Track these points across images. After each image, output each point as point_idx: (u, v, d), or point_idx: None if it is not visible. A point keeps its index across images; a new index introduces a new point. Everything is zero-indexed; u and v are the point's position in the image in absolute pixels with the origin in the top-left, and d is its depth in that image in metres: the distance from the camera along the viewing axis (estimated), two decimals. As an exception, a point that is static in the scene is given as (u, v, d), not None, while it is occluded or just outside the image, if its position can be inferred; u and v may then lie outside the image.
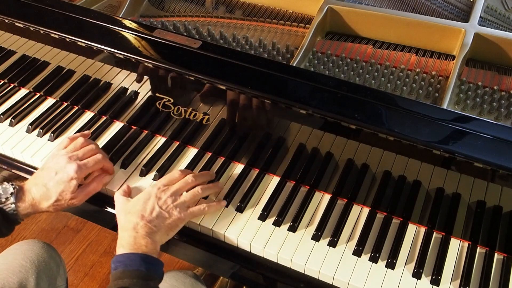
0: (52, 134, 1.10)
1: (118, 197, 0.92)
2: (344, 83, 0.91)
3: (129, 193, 0.96)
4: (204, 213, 0.94)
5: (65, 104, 1.18)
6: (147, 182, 1.01)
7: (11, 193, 0.88)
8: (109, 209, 1.01)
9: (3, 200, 0.88)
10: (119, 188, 0.98)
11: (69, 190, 0.90)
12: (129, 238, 0.83)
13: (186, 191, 0.93)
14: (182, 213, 0.89)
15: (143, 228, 0.84)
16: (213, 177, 1.00)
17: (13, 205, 0.88)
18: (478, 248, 0.90)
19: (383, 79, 1.01)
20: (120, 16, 1.16)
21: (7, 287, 0.96)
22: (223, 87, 0.95)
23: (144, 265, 0.80)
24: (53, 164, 0.93)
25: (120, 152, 1.06)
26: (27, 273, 1.01)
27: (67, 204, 0.91)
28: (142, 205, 0.87)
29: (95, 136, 1.09)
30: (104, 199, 1.01)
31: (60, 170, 0.91)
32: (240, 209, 0.96)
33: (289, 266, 0.90)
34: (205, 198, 0.97)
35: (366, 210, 0.96)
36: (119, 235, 0.85)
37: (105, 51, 1.01)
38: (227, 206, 0.97)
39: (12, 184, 0.90)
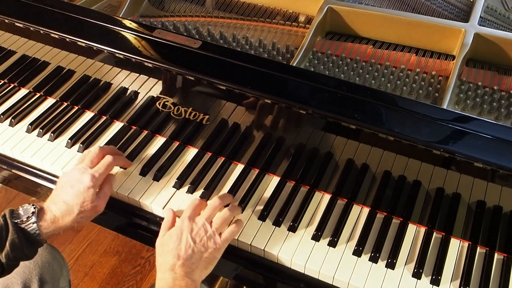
0: (52, 134, 1.10)
1: (162, 229, 0.89)
2: (344, 83, 0.91)
3: (174, 219, 0.91)
4: (238, 230, 0.90)
5: (65, 104, 1.18)
6: (147, 181, 1.01)
7: (32, 213, 0.86)
8: (109, 210, 1.01)
9: (24, 219, 0.85)
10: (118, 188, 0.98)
11: (89, 200, 0.88)
12: (168, 280, 0.80)
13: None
14: (217, 243, 0.85)
15: (181, 268, 0.80)
16: (232, 199, 0.97)
17: (34, 225, 0.85)
18: (478, 248, 0.90)
19: (383, 79, 1.01)
20: (120, 16, 1.16)
21: None
22: (223, 87, 0.95)
23: None
24: (67, 180, 0.91)
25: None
26: (31, 274, 1.01)
27: (90, 213, 0.90)
28: (176, 242, 0.83)
29: (95, 136, 1.09)
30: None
31: (76, 183, 0.89)
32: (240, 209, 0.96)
33: (289, 266, 0.90)
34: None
35: (366, 210, 0.96)
36: (157, 275, 0.82)
37: (105, 51, 1.01)
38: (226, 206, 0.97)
39: (33, 205, 0.88)
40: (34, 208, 0.87)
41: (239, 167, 1.04)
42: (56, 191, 0.91)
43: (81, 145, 1.07)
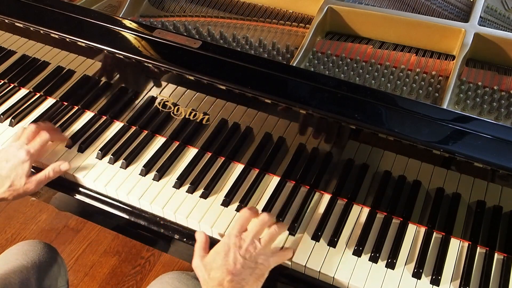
0: (52, 134, 1.10)
1: (196, 251, 0.86)
2: (344, 83, 0.91)
3: (206, 245, 0.88)
4: (289, 256, 0.89)
5: (65, 104, 1.18)
6: (147, 181, 1.01)
7: None
8: (109, 209, 1.01)
9: None
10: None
11: (23, 174, 0.93)
12: None
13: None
14: (267, 260, 0.83)
15: (230, 284, 0.78)
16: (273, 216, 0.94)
17: None
18: (478, 248, 0.90)
19: (383, 79, 1.01)
20: (120, 16, 1.16)
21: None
22: (223, 87, 0.95)
23: None
24: (3, 155, 0.95)
25: (120, 152, 1.06)
26: (29, 274, 1.01)
27: (23, 189, 0.93)
28: (224, 259, 0.80)
29: (95, 136, 1.09)
30: (104, 199, 1.02)
31: (11, 157, 0.94)
32: (240, 209, 0.96)
33: (289, 266, 0.90)
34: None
35: (366, 210, 0.96)
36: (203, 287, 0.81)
37: (105, 51, 1.01)
38: (226, 206, 0.97)
39: None
40: None
41: (239, 167, 1.04)
42: None
43: (81, 145, 1.07)
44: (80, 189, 1.04)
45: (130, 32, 1.01)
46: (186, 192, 0.99)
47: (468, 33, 1.01)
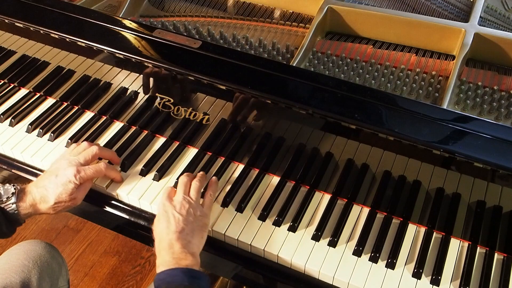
0: (52, 134, 1.10)
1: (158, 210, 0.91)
2: (344, 83, 0.91)
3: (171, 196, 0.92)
4: (214, 195, 0.96)
5: (65, 104, 1.18)
6: (147, 181, 1.01)
7: (12, 193, 0.90)
8: (109, 209, 1.01)
9: (4, 199, 0.89)
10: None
11: (67, 193, 0.91)
12: (166, 256, 0.80)
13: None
14: (203, 210, 0.89)
15: (177, 242, 0.82)
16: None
17: (14, 205, 0.89)
18: (478, 248, 0.90)
19: (383, 79, 1.01)
20: (120, 16, 1.16)
21: (9, 287, 0.97)
22: (223, 87, 0.95)
23: (187, 279, 0.77)
24: (55, 167, 0.94)
25: (120, 152, 1.06)
26: (30, 273, 1.01)
27: (65, 206, 0.92)
28: (165, 222, 0.85)
29: (95, 136, 1.09)
30: (104, 199, 1.01)
31: (61, 173, 0.92)
32: (240, 209, 0.96)
33: (289, 266, 0.90)
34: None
35: (366, 210, 0.96)
36: (157, 256, 0.83)
37: (105, 51, 1.01)
38: (227, 206, 0.97)
39: (13, 185, 0.91)
40: (14, 189, 0.90)
41: (239, 167, 1.04)
42: (44, 175, 0.94)
43: (81, 145, 1.07)
44: (80, 189, 1.04)
45: (130, 32, 1.01)
46: (186, 192, 0.99)
47: (468, 33, 1.01)
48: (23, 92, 1.22)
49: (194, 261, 0.81)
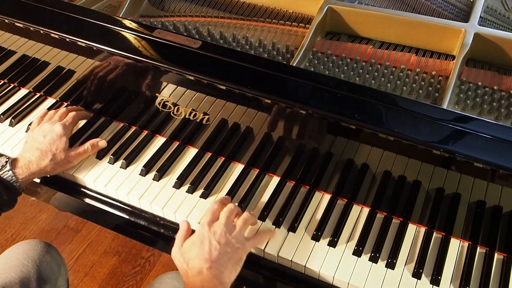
0: (52, 134, 1.10)
1: (177, 240, 0.87)
2: (344, 83, 0.91)
3: (188, 234, 0.88)
4: (265, 240, 0.90)
5: (65, 104, 1.18)
6: (147, 181, 1.01)
7: (6, 162, 0.94)
8: (109, 209, 1.01)
9: None
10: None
11: (62, 147, 0.98)
12: (196, 283, 0.78)
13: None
14: (243, 244, 0.84)
15: (209, 271, 0.78)
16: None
17: (10, 172, 0.93)
18: (478, 248, 0.90)
19: (383, 79, 1.01)
20: (120, 16, 1.16)
21: (9, 287, 0.97)
22: (223, 87, 0.95)
23: None
24: (38, 133, 1.00)
25: (120, 152, 1.06)
26: (29, 273, 1.01)
27: (63, 162, 0.98)
28: (200, 247, 0.81)
29: (95, 136, 1.09)
30: (104, 200, 1.02)
31: (48, 133, 0.99)
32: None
33: (289, 266, 0.90)
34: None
35: (366, 210, 0.96)
36: (185, 283, 0.81)
37: (105, 51, 1.01)
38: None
39: (6, 156, 0.96)
40: (7, 158, 0.94)
41: (239, 167, 1.04)
42: (27, 144, 1.00)
43: (81, 145, 1.07)
44: (80, 189, 1.04)
45: (130, 32, 1.01)
46: (186, 192, 0.99)
47: (468, 33, 1.01)
48: (23, 92, 1.22)
49: None
